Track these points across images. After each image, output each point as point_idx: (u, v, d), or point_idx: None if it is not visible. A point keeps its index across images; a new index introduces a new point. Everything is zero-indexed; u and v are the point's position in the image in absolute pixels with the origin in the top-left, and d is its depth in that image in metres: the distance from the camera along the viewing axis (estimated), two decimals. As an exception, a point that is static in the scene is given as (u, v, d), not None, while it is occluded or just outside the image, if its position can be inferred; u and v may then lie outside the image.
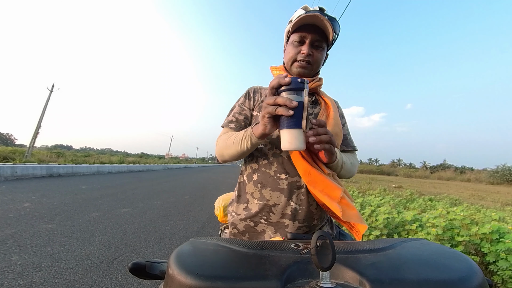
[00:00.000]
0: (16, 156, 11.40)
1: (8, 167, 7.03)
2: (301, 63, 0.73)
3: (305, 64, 0.73)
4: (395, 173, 44.67)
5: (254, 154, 0.75)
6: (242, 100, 0.83)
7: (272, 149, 0.72)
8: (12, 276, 1.72)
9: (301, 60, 0.73)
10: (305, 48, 0.72)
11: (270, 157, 0.72)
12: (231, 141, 0.70)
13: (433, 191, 11.04)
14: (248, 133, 0.65)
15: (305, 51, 0.72)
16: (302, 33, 0.72)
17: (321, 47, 0.74)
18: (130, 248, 2.40)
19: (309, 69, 0.75)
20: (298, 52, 0.73)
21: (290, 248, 0.39)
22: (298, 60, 0.74)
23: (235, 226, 0.75)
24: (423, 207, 4.80)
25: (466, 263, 0.32)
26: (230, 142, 0.70)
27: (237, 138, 0.68)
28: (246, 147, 0.66)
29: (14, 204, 3.84)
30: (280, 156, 0.71)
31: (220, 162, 0.78)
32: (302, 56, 0.73)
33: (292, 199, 0.69)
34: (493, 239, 1.74)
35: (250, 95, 0.82)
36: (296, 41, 0.74)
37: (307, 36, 0.72)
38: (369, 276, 0.30)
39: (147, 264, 0.40)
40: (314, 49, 0.73)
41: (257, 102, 0.80)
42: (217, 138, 0.79)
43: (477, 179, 32.87)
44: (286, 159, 0.70)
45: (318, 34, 0.72)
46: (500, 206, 6.98)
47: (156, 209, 4.27)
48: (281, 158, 0.71)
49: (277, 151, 0.72)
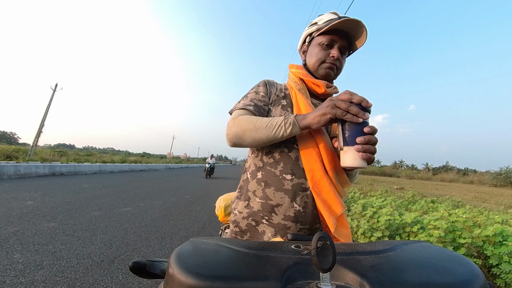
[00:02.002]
0: (19, 155, 11.50)
1: (11, 166, 7.09)
2: (330, 65, 0.74)
3: (333, 66, 0.74)
4: (397, 174, 44.47)
5: (260, 151, 0.74)
6: (260, 89, 0.78)
7: (280, 148, 0.70)
8: (14, 273, 1.73)
9: (330, 63, 0.74)
10: (335, 51, 0.72)
11: (277, 156, 0.70)
12: (262, 124, 0.64)
13: (435, 193, 10.97)
14: (290, 120, 0.61)
15: (335, 55, 0.72)
16: (333, 36, 0.73)
17: (345, 54, 0.76)
18: (131, 247, 2.41)
19: (335, 72, 0.76)
20: (328, 54, 0.74)
21: (290, 249, 0.39)
22: (327, 61, 0.74)
23: (237, 224, 0.74)
24: (425, 209, 4.77)
25: (467, 267, 0.32)
26: (261, 125, 0.63)
27: (272, 123, 0.63)
28: (282, 134, 0.62)
29: (17, 202, 3.87)
30: (287, 156, 0.70)
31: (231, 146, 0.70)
32: (332, 59, 0.73)
33: (296, 200, 0.67)
34: (496, 241, 1.72)
35: (267, 86, 0.80)
36: (325, 43, 0.74)
37: (337, 41, 0.73)
38: (369, 278, 0.30)
39: (148, 263, 0.40)
40: (341, 55, 0.74)
41: (273, 95, 0.78)
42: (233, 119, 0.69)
43: (480, 181, 32.61)
44: (293, 160, 0.69)
45: (347, 41, 0.73)
46: (504, 209, 6.91)
47: (157, 208, 4.29)
48: (289, 158, 0.69)
49: (285, 150, 0.70)
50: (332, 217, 0.63)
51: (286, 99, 0.76)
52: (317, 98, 0.79)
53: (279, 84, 0.83)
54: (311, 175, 0.65)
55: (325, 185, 0.65)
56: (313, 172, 0.65)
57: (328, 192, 0.64)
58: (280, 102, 0.76)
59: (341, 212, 0.64)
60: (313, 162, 0.65)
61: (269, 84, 0.81)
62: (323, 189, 0.65)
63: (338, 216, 0.65)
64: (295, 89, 0.76)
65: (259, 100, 0.75)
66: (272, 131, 0.62)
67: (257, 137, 0.64)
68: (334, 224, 0.63)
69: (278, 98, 0.78)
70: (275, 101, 0.77)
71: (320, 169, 0.65)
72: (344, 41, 0.73)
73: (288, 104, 0.75)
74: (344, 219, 0.67)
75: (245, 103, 0.73)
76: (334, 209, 0.64)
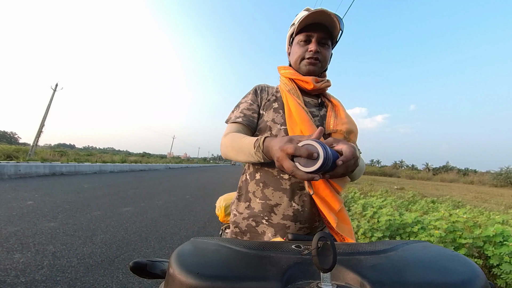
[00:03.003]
0: (19, 155, 11.51)
1: (11, 166, 7.10)
2: (310, 60, 0.74)
3: (314, 60, 0.74)
4: (397, 174, 44.44)
5: None
6: (250, 97, 0.80)
7: None
8: (14, 273, 1.73)
9: (309, 58, 0.74)
10: (312, 45, 0.73)
11: None
12: (239, 146, 0.65)
13: (435, 193, 10.96)
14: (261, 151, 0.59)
15: (313, 48, 0.72)
16: (308, 32, 0.73)
17: (327, 45, 0.75)
18: (131, 247, 2.41)
19: (318, 66, 0.75)
20: (306, 50, 0.74)
21: (291, 249, 0.39)
22: (306, 58, 0.74)
23: (237, 225, 0.74)
24: (425, 209, 4.76)
25: (468, 266, 0.32)
26: (238, 147, 0.66)
27: (248, 148, 0.63)
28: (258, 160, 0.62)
29: (17, 202, 3.87)
30: None
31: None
32: (311, 53, 0.73)
33: (294, 200, 0.68)
34: (496, 242, 1.72)
35: (257, 92, 0.81)
36: (302, 40, 0.74)
37: (313, 35, 0.73)
38: (370, 278, 0.29)
39: (148, 263, 0.40)
40: (321, 47, 0.74)
41: (264, 100, 0.79)
42: (223, 136, 0.73)
43: (480, 181, 32.58)
44: None
45: (324, 32, 0.72)
46: (504, 209, 6.91)
47: (158, 208, 4.29)
48: None
49: None
50: (332, 213, 0.64)
51: (277, 101, 0.77)
52: (310, 95, 0.79)
53: (271, 87, 0.83)
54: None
55: (321, 182, 0.65)
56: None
57: (324, 189, 0.65)
58: (272, 105, 0.77)
59: (339, 208, 0.65)
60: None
61: (259, 89, 0.81)
62: (319, 186, 0.65)
63: (337, 211, 0.65)
64: (285, 90, 0.76)
65: (248, 109, 0.77)
66: (249, 157, 0.64)
67: (238, 159, 0.68)
68: (335, 220, 0.63)
69: (270, 102, 0.78)
70: (266, 106, 0.78)
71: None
72: (321, 33, 0.73)
73: (279, 106, 0.75)
74: (344, 214, 0.67)
75: (236, 115, 0.76)
76: (332, 206, 0.65)
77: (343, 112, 0.75)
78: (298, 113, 0.68)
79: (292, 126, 0.68)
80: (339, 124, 0.71)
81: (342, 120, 0.72)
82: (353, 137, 0.73)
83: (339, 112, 0.75)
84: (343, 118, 0.73)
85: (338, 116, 0.74)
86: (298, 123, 0.67)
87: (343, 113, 0.74)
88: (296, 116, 0.68)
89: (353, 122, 0.74)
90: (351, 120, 0.75)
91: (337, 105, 0.77)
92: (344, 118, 0.73)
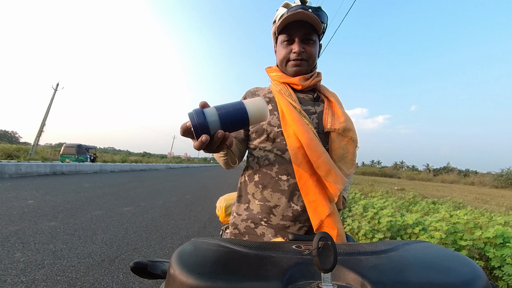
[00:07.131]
0: (20, 154, 11.55)
1: (12, 165, 7.12)
2: (295, 62, 0.72)
3: (299, 62, 0.72)
4: (397, 175, 44.39)
5: (255, 155, 0.74)
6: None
7: (274, 151, 0.70)
8: (15, 272, 1.73)
9: (294, 59, 0.72)
10: (295, 46, 0.71)
11: (272, 158, 0.71)
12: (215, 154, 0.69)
13: (436, 194, 10.94)
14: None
15: (296, 50, 0.70)
16: (291, 31, 0.70)
17: (312, 40, 0.72)
18: (131, 247, 2.41)
19: (305, 66, 0.73)
20: (290, 51, 0.72)
21: (291, 249, 0.39)
22: (291, 59, 0.73)
23: (236, 227, 0.74)
24: (426, 210, 4.76)
25: (470, 266, 0.32)
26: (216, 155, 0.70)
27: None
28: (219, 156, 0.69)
29: (18, 201, 3.88)
30: (281, 158, 0.70)
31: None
32: (295, 55, 0.71)
33: (293, 200, 0.68)
34: (497, 243, 1.71)
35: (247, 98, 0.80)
36: (285, 41, 0.72)
37: (295, 34, 0.70)
38: (371, 278, 0.29)
39: (149, 264, 0.40)
40: (306, 45, 0.71)
41: None
42: None
43: (481, 182, 32.51)
44: (287, 161, 0.69)
45: (306, 28, 0.69)
46: (505, 210, 6.89)
47: (158, 208, 4.29)
48: (283, 160, 0.69)
49: (279, 152, 0.70)
50: (316, 218, 0.63)
51: (271, 103, 0.75)
52: (304, 91, 0.77)
53: (262, 89, 0.81)
54: (298, 176, 0.65)
55: (311, 186, 0.64)
56: (300, 173, 0.65)
57: (314, 194, 0.64)
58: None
59: (326, 214, 0.63)
60: (299, 163, 0.65)
61: (251, 94, 0.80)
62: (309, 190, 0.64)
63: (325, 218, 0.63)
64: (276, 91, 0.75)
65: None
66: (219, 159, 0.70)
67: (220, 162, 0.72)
68: (316, 226, 0.63)
69: None
70: None
71: (306, 170, 0.65)
72: (303, 29, 0.70)
73: (274, 108, 0.74)
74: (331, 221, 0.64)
75: None
76: (320, 210, 0.63)
77: (339, 110, 0.73)
78: (289, 113, 0.67)
79: (285, 127, 0.68)
80: (336, 123, 0.70)
81: (339, 119, 0.70)
82: (352, 134, 0.71)
83: (335, 109, 0.73)
84: (340, 116, 0.71)
85: (335, 114, 0.72)
86: (290, 123, 0.66)
87: (339, 110, 0.73)
88: (287, 117, 0.67)
89: (349, 119, 0.73)
90: (348, 117, 0.73)
91: (332, 101, 0.75)
92: (341, 116, 0.71)
